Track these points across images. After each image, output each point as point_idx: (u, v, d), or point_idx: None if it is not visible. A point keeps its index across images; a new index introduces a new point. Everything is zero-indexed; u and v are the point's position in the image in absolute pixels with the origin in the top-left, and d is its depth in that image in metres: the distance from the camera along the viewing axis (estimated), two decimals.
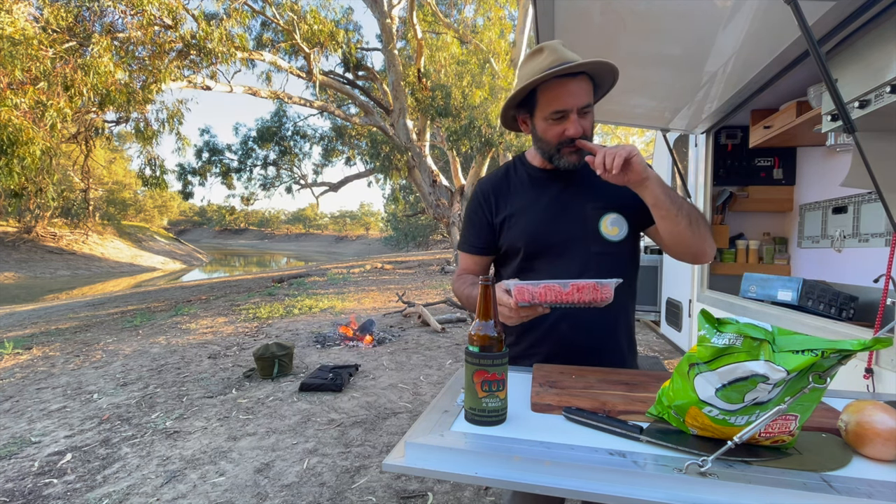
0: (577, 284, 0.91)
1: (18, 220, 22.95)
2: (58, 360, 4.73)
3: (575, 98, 1.06)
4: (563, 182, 1.20)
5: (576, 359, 1.12)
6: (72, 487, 2.28)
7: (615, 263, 1.15)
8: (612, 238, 1.15)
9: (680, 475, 0.60)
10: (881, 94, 1.45)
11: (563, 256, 1.16)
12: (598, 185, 1.14)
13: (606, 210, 1.15)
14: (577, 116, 1.07)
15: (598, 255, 1.14)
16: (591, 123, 1.11)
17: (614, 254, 1.16)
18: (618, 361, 1.17)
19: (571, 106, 1.06)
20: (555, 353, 1.15)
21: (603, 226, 1.15)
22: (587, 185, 1.18)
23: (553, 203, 1.19)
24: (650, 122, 2.92)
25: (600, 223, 1.15)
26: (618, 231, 1.15)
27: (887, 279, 1.47)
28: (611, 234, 1.15)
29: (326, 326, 5.89)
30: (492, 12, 14.40)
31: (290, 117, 18.77)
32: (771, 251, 3.15)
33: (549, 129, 1.10)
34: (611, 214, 1.15)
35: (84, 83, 7.43)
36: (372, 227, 63.49)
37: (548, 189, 1.21)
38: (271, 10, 11.63)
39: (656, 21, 1.65)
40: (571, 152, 1.10)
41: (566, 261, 1.16)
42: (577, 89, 1.06)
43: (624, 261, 1.18)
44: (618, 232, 1.15)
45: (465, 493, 2.20)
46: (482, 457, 0.68)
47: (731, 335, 0.64)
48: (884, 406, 0.68)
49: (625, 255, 1.18)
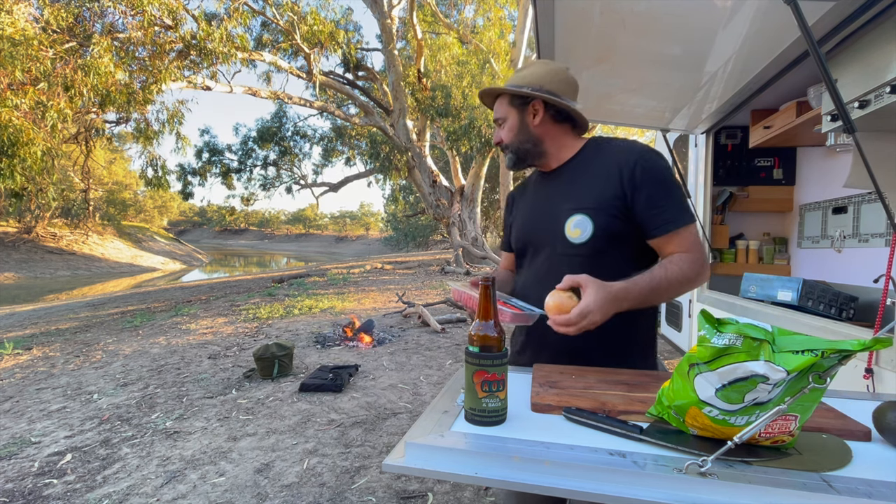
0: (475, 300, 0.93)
1: (18, 221, 22.96)
2: (58, 361, 4.73)
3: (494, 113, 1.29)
4: (553, 183, 1.23)
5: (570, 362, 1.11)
6: (72, 488, 2.28)
7: (579, 266, 1.06)
8: (574, 240, 1.12)
9: (680, 475, 0.60)
10: (881, 94, 1.45)
11: (537, 256, 1.22)
12: (578, 184, 1.17)
13: (574, 211, 1.13)
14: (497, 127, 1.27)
15: (562, 257, 1.14)
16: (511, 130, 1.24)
17: (578, 255, 1.12)
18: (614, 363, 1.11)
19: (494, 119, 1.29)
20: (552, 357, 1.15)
21: (567, 228, 1.13)
22: (568, 185, 1.19)
23: (538, 204, 1.25)
24: (650, 122, 2.92)
25: (566, 224, 1.13)
26: (580, 233, 1.12)
27: (887, 279, 1.47)
28: (573, 235, 1.12)
29: (326, 327, 5.90)
30: (492, 12, 14.41)
31: (290, 118, 18.78)
32: (771, 251, 3.15)
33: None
34: (576, 216, 1.12)
35: (84, 84, 7.44)
36: (372, 227, 63.49)
37: (541, 191, 1.27)
38: (271, 11, 11.64)
39: (656, 21, 1.65)
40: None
41: (539, 260, 1.21)
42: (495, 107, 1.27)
43: (590, 262, 1.10)
44: (579, 234, 1.12)
45: (465, 493, 2.20)
46: (482, 457, 0.67)
47: (731, 335, 0.64)
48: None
49: (591, 257, 1.11)
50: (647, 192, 1.07)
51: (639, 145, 1.14)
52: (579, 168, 1.20)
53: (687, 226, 1.07)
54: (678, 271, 1.03)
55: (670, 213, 1.06)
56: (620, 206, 1.08)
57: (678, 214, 1.07)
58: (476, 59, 13.27)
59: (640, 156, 1.10)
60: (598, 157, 1.18)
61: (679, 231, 1.06)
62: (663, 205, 1.07)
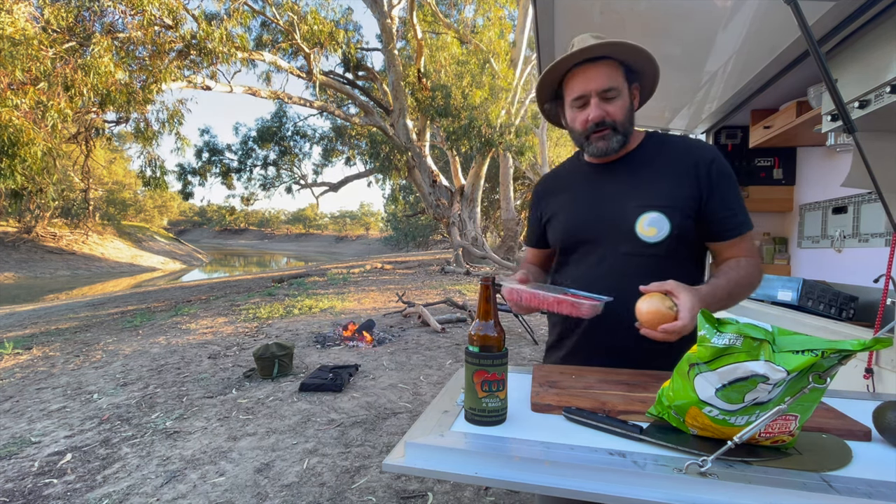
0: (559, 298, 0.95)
1: (18, 220, 22.95)
2: (58, 360, 4.73)
3: (593, 82, 1.05)
4: (609, 176, 1.15)
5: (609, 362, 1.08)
6: (72, 487, 2.28)
7: (646, 266, 1.06)
8: (648, 239, 1.06)
9: (680, 475, 0.60)
10: (881, 94, 1.45)
11: (593, 254, 1.13)
12: (646, 180, 1.10)
13: (647, 208, 1.07)
14: (598, 100, 1.06)
15: (627, 256, 1.08)
16: (623, 108, 1.08)
17: (647, 255, 1.07)
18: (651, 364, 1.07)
19: (589, 90, 1.05)
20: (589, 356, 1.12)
21: (639, 225, 1.07)
22: (633, 181, 1.11)
23: (594, 198, 1.15)
24: (650, 122, 2.92)
25: (637, 222, 1.07)
26: (655, 232, 1.06)
27: (887, 279, 1.47)
28: (647, 234, 1.06)
29: (326, 326, 5.89)
30: (492, 12, 14.42)
31: (290, 117, 18.81)
32: (771, 251, 3.15)
33: (575, 118, 1.11)
34: (651, 213, 1.06)
35: (84, 83, 7.43)
36: (372, 227, 63.52)
37: (593, 184, 1.17)
38: (271, 11, 11.64)
39: (656, 21, 1.65)
40: (599, 138, 1.08)
41: (595, 259, 1.12)
42: (595, 74, 1.05)
43: (660, 263, 1.07)
44: (655, 233, 1.06)
45: (465, 493, 2.20)
46: (482, 457, 0.68)
47: (731, 335, 0.64)
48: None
49: (662, 257, 1.07)
50: (721, 194, 1.06)
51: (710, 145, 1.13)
52: (643, 162, 1.13)
53: (751, 230, 1.09)
54: (748, 276, 1.04)
55: (742, 217, 1.07)
56: (694, 205, 1.06)
57: (747, 218, 1.08)
58: (476, 58, 13.26)
59: (716, 155, 1.09)
60: (664, 152, 1.13)
61: (746, 235, 1.08)
62: (736, 208, 1.07)
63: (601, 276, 1.10)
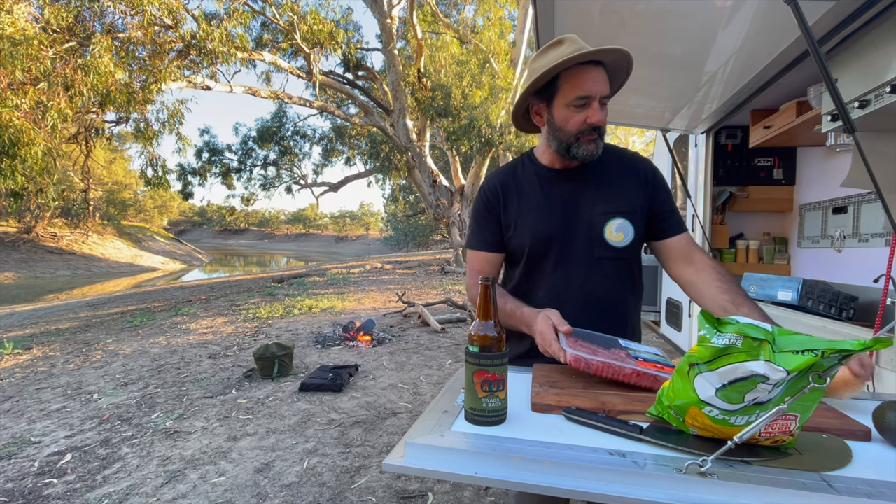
0: (638, 371, 0.88)
1: (18, 220, 22.95)
2: (58, 360, 4.73)
3: (599, 85, 1.06)
4: (572, 182, 1.17)
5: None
6: (72, 487, 2.28)
7: (619, 269, 1.16)
8: (617, 244, 1.13)
9: (680, 475, 0.60)
10: (881, 94, 1.45)
11: (567, 260, 1.15)
12: (607, 187, 1.16)
13: (612, 215, 1.13)
14: (598, 104, 1.07)
15: (601, 261, 1.14)
16: (606, 115, 1.11)
17: (618, 259, 1.15)
18: None
19: (595, 93, 1.06)
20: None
21: (608, 231, 1.13)
22: (596, 187, 1.16)
23: (560, 204, 1.16)
24: (650, 122, 2.92)
25: (605, 228, 1.13)
26: (622, 237, 1.13)
27: (887, 279, 1.47)
28: (615, 240, 1.13)
29: (326, 326, 5.89)
30: (492, 12, 14.40)
31: (290, 117, 18.77)
32: (771, 251, 3.15)
33: (570, 117, 1.08)
34: (616, 220, 1.13)
35: (84, 83, 7.43)
36: (372, 227, 63.50)
37: (556, 189, 1.17)
38: (271, 11, 11.63)
39: (656, 21, 1.65)
40: (590, 141, 1.08)
41: (570, 265, 1.15)
42: (599, 77, 1.06)
43: (626, 266, 1.17)
44: (622, 238, 1.13)
45: (465, 493, 2.20)
46: (482, 457, 0.67)
47: (731, 335, 0.64)
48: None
49: (629, 260, 1.17)
50: (662, 197, 1.18)
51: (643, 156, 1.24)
52: (600, 170, 1.18)
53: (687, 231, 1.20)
54: (735, 283, 1.11)
55: (679, 218, 1.19)
56: (646, 211, 1.17)
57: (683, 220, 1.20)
58: (476, 58, 13.25)
59: (652, 164, 1.23)
60: (614, 161, 1.20)
61: (686, 234, 1.18)
62: (673, 209, 1.19)
63: (581, 283, 1.15)
